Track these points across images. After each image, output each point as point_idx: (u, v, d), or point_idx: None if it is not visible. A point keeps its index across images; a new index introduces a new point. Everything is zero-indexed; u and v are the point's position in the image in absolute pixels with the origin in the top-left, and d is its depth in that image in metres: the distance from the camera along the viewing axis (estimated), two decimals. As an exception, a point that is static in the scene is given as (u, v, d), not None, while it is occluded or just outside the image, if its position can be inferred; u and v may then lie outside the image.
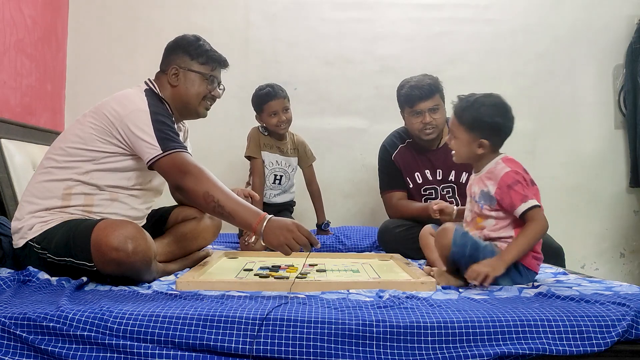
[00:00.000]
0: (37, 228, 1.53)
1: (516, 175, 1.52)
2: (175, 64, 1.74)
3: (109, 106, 1.60)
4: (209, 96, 1.78)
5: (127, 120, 1.56)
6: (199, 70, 1.75)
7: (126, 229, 1.42)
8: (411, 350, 1.09)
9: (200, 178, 1.52)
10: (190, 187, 1.51)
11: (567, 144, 3.11)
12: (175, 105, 1.75)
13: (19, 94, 2.50)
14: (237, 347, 1.08)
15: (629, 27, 3.09)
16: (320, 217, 2.67)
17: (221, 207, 1.49)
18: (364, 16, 3.12)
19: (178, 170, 1.53)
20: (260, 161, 2.52)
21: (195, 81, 1.75)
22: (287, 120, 2.54)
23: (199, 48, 1.76)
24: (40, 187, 1.58)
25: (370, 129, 3.09)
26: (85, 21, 3.04)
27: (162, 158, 1.53)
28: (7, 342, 1.10)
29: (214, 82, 1.78)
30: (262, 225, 1.45)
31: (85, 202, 1.58)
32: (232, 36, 3.06)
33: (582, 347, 1.11)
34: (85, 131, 1.59)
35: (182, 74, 1.74)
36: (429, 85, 2.25)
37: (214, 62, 1.78)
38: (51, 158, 1.62)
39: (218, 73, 1.81)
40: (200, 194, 1.50)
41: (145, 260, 1.44)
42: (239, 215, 1.49)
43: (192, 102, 1.75)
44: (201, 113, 1.80)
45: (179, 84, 1.74)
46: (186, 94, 1.74)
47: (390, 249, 2.28)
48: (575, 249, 2.98)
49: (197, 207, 1.73)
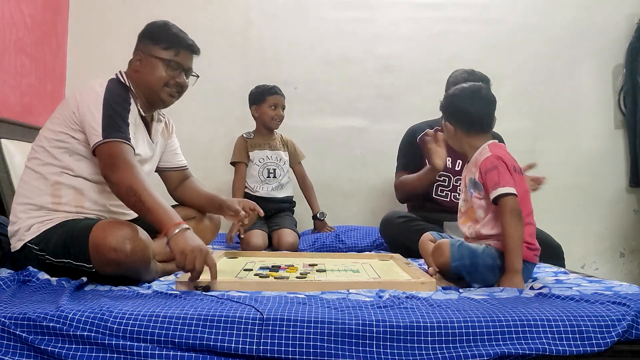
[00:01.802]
0: (35, 229, 1.53)
1: (495, 160, 1.54)
2: (139, 49, 1.72)
3: (72, 95, 1.62)
4: (172, 83, 1.71)
5: (81, 103, 1.57)
6: (159, 55, 1.68)
7: (124, 230, 1.41)
8: (411, 350, 1.09)
9: (127, 172, 1.49)
10: (115, 180, 1.49)
11: (567, 143, 3.12)
12: (141, 91, 1.71)
13: (19, 93, 2.50)
14: (237, 347, 1.08)
15: (629, 27, 3.09)
16: (314, 208, 2.74)
17: (141, 203, 1.46)
18: (364, 16, 3.12)
19: (109, 160, 1.51)
20: (243, 166, 2.66)
21: (156, 66, 1.68)
22: (281, 118, 2.68)
23: (163, 33, 1.71)
24: (29, 186, 1.59)
25: (370, 128, 3.09)
26: (85, 21, 3.04)
27: (102, 145, 1.52)
28: (7, 342, 1.10)
29: (178, 68, 1.71)
30: (174, 230, 1.40)
31: (74, 196, 1.59)
32: (232, 36, 3.06)
33: (582, 347, 1.11)
34: (54, 122, 1.61)
35: (145, 60, 1.70)
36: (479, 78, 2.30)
37: (178, 47, 1.70)
38: (33, 158, 1.62)
39: (184, 59, 1.72)
40: (123, 188, 1.48)
41: (143, 260, 1.44)
42: (157, 213, 1.44)
43: (153, 88, 1.70)
44: (165, 100, 1.72)
45: (141, 70, 1.70)
46: (147, 79, 1.69)
47: (392, 241, 2.30)
48: (575, 249, 2.98)
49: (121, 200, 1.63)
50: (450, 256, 1.52)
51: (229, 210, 1.85)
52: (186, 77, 1.75)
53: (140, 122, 1.71)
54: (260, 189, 2.63)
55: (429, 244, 1.75)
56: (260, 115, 2.67)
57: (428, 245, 1.75)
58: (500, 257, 1.52)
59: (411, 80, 3.10)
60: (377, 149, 3.04)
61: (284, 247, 2.40)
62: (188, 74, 1.76)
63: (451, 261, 1.52)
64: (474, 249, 1.53)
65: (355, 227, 2.68)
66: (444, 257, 1.53)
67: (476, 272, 1.52)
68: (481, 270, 1.51)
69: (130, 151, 1.56)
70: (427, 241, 1.78)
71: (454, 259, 1.52)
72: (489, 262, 1.51)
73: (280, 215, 2.63)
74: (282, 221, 2.57)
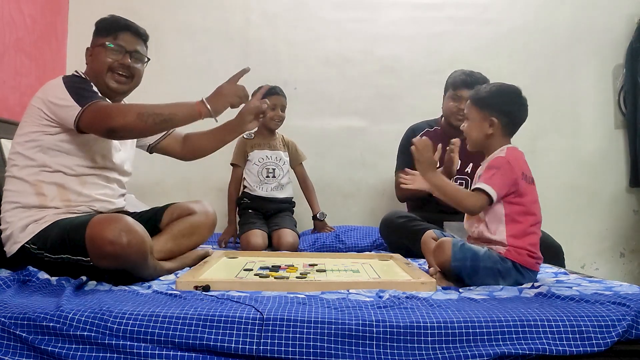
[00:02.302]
0: (31, 229, 1.54)
1: (503, 162, 1.55)
2: (89, 46, 1.75)
3: (34, 99, 1.64)
4: (115, 65, 1.69)
5: (46, 98, 1.59)
6: (101, 42, 1.70)
7: (120, 223, 1.42)
8: (411, 350, 1.09)
9: (125, 109, 1.55)
10: (120, 122, 1.50)
11: (567, 143, 3.12)
12: (95, 84, 1.70)
13: (19, 93, 2.50)
14: (237, 347, 1.08)
15: (629, 27, 3.09)
16: (314, 208, 2.74)
17: (159, 115, 1.53)
18: (364, 16, 3.12)
19: (101, 116, 1.52)
20: (239, 169, 2.68)
21: (99, 54, 1.70)
22: (281, 118, 2.67)
23: (102, 22, 1.74)
24: (13, 192, 1.60)
25: (370, 129, 3.09)
26: (85, 21, 3.03)
27: (83, 114, 1.53)
28: (7, 342, 1.10)
29: (118, 49, 1.70)
30: (203, 105, 1.57)
31: (58, 191, 1.60)
32: (232, 36, 3.06)
33: (582, 347, 1.11)
34: (23, 127, 1.63)
35: (91, 52, 1.73)
36: (477, 80, 2.32)
37: (116, 30, 1.70)
38: (11, 166, 1.63)
39: (126, 42, 1.71)
40: (133, 120, 1.51)
41: (140, 252, 1.44)
42: (180, 111, 1.56)
43: (100, 76, 1.70)
44: (112, 86, 1.70)
45: (90, 62, 1.73)
46: (95, 69, 1.71)
47: (392, 240, 2.31)
48: (575, 249, 2.98)
49: (137, 135, 1.69)
50: (451, 255, 1.52)
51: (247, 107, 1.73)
52: (133, 61, 1.74)
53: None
54: (260, 188, 2.64)
55: (431, 242, 1.74)
56: None
57: (430, 243, 1.74)
58: (501, 262, 1.52)
59: (411, 80, 3.10)
60: (377, 149, 3.04)
61: (284, 247, 2.40)
62: (134, 56, 1.74)
63: (452, 261, 1.52)
64: (476, 251, 1.53)
65: (355, 227, 2.68)
66: (445, 255, 1.53)
67: (475, 275, 1.52)
68: (481, 273, 1.51)
69: (109, 102, 1.59)
70: (429, 239, 1.78)
71: (455, 259, 1.52)
72: (489, 266, 1.51)
73: (280, 215, 2.63)
74: (282, 221, 2.57)
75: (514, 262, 1.52)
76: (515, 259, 1.52)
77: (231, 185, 2.67)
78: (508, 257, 1.52)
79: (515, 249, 1.53)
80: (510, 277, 1.52)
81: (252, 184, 2.65)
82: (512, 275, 1.52)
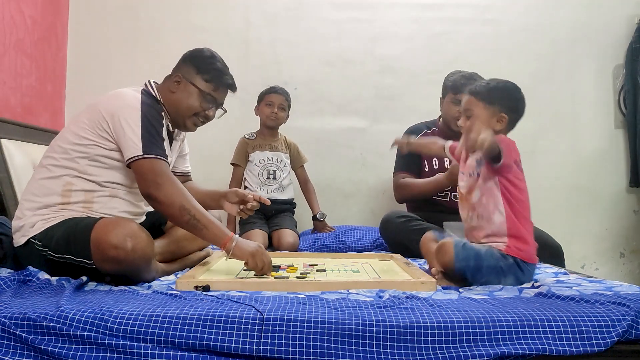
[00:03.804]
0: (39, 226, 1.53)
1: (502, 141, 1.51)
2: (180, 72, 1.73)
3: (103, 102, 1.61)
4: (201, 114, 1.73)
5: (117, 115, 1.55)
6: (199, 85, 1.70)
7: (126, 227, 1.42)
8: (411, 350, 1.09)
9: (175, 190, 1.53)
10: (164, 199, 1.51)
11: (567, 143, 3.12)
12: (169, 110, 1.72)
13: (19, 94, 2.50)
14: (237, 347, 1.08)
15: (629, 27, 3.09)
16: (314, 209, 2.74)
17: (196, 220, 1.52)
18: (364, 16, 3.12)
19: (154, 177, 1.52)
20: (239, 169, 2.69)
21: (192, 95, 1.70)
22: (279, 116, 2.66)
23: (208, 65, 1.72)
24: (40, 185, 1.59)
25: (370, 129, 3.09)
26: (85, 21, 3.04)
27: (142, 160, 1.52)
28: (7, 342, 1.10)
29: (212, 102, 1.73)
30: (232, 242, 1.53)
31: (85, 199, 1.59)
32: (231, 36, 3.06)
33: (582, 347, 1.11)
34: (80, 126, 1.60)
35: (183, 84, 1.71)
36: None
37: (218, 83, 1.72)
38: (50, 156, 1.62)
39: (220, 95, 1.75)
40: (176, 206, 1.51)
41: (144, 258, 1.44)
42: (213, 230, 1.54)
43: (182, 113, 1.71)
44: (189, 127, 1.75)
45: (176, 92, 1.71)
46: (180, 104, 1.71)
47: (391, 240, 2.31)
48: (575, 249, 2.98)
49: (167, 217, 1.71)
50: (454, 256, 1.52)
51: (234, 196, 1.82)
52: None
53: (166, 136, 1.71)
54: (261, 189, 2.64)
55: (431, 243, 1.74)
56: (259, 114, 2.71)
57: (430, 244, 1.74)
58: (502, 259, 1.52)
59: (411, 80, 3.10)
60: (377, 149, 3.04)
61: (284, 247, 2.40)
62: (219, 108, 1.78)
63: (455, 261, 1.51)
64: (478, 250, 1.53)
65: (355, 227, 2.68)
66: (448, 256, 1.53)
67: (479, 274, 1.52)
68: (485, 272, 1.52)
69: (169, 168, 1.58)
70: (429, 241, 1.77)
71: (458, 260, 1.51)
72: (492, 264, 1.52)
73: (281, 215, 2.64)
74: (282, 221, 2.57)
75: (515, 258, 1.52)
76: (516, 255, 1.52)
77: (231, 185, 2.67)
78: (509, 253, 1.53)
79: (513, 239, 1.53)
80: (511, 274, 1.52)
81: (253, 185, 2.65)
82: (513, 272, 1.52)
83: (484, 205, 1.58)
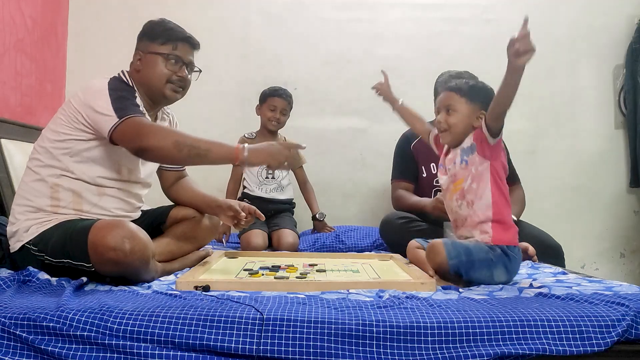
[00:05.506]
0: (34, 230, 1.53)
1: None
2: (139, 49, 1.72)
3: (75, 96, 1.61)
4: (174, 78, 1.70)
5: (88, 102, 1.55)
6: (158, 50, 1.68)
7: (123, 229, 1.41)
8: (411, 350, 1.09)
9: (164, 132, 1.51)
10: (155, 143, 1.48)
11: (567, 143, 3.12)
12: (144, 90, 1.70)
13: (19, 94, 2.50)
14: (237, 347, 1.08)
15: (629, 27, 3.09)
16: (314, 209, 2.74)
17: (196, 148, 1.48)
18: (364, 16, 3.12)
19: (136, 132, 1.49)
20: (239, 169, 2.67)
21: (156, 62, 1.68)
22: (281, 121, 2.67)
23: (159, 29, 1.70)
24: (29, 188, 1.59)
25: (370, 129, 3.09)
26: (85, 21, 3.04)
27: (119, 125, 1.50)
28: (7, 342, 1.10)
29: (178, 62, 1.70)
30: (243, 152, 1.49)
31: (73, 199, 1.58)
32: (232, 36, 3.06)
33: (582, 347, 1.11)
34: (57, 123, 1.60)
35: (144, 58, 1.69)
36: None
37: (175, 40, 1.69)
38: (34, 158, 1.62)
39: (183, 53, 1.71)
40: (170, 145, 1.47)
41: (143, 259, 1.44)
42: (217, 150, 1.50)
43: (155, 84, 1.69)
44: (168, 96, 1.71)
45: (142, 69, 1.70)
46: (150, 77, 1.68)
47: (391, 241, 2.30)
48: (575, 249, 2.98)
49: (167, 161, 1.68)
50: (446, 254, 1.52)
51: (229, 210, 1.83)
52: (188, 72, 1.74)
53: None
54: (259, 189, 2.64)
55: (417, 250, 1.76)
56: (260, 116, 2.70)
57: (416, 252, 1.76)
58: (491, 251, 1.54)
59: (411, 80, 3.09)
60: (377, 149, 3.04)
61: (284, 247, 2.40)
62: (189, 68, 1.75)
63: (448, 259, 1.52)
64: (467, 245, 1.55)
65: (355, 227, 2.68)
66: (441, 256, 1.53)
67: (472, 268, 1.53)
68: (477, 266, 1.53)
69: (149, 120, 1.55)
70: (414, 248, 1.79)
71: (451, 257, 1.52)
72: (482, 257, 1.53)
73: (280, 215, 2.64)
74: (282, 221, 2.57)
75: (501, 247, 1.55)
76: (501, 242, 1.56)
77: (230, 183, 2.67)
78: (495, 243, 1.56)
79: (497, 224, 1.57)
80: (500, 264, 1.54)
81: (251, 184, 2.66)
82: (502, 262, 1.55)
83: (474, 191, 1.60)
